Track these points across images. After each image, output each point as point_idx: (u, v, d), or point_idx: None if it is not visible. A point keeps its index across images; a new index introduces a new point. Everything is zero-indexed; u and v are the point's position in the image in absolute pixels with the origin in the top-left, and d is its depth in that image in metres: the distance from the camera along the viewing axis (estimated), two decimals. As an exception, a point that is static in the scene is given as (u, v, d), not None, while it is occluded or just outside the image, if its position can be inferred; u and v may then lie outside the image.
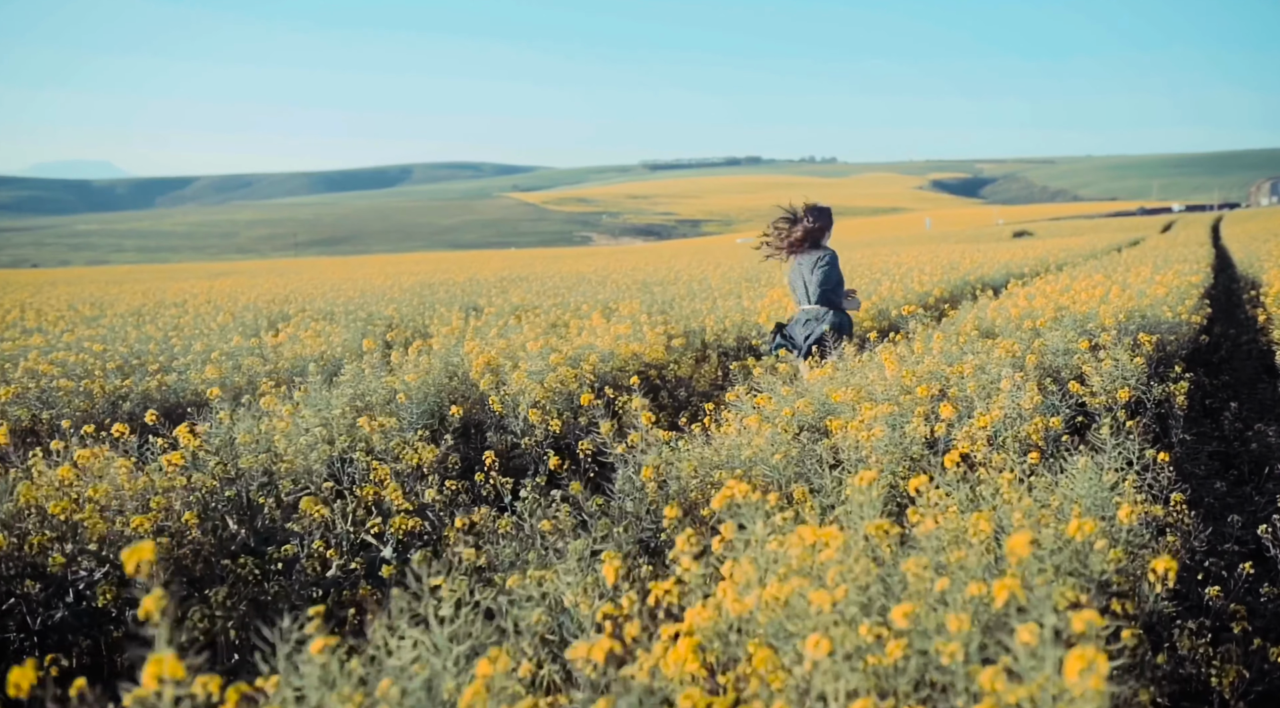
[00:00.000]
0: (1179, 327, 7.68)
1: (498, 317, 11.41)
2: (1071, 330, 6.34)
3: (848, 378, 5.51)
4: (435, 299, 15.47)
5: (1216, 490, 5.49)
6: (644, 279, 18.29)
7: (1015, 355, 6.09)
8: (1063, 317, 7.00)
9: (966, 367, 5.55)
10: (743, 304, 10.87)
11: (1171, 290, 9.21)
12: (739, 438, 4.53)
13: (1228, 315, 14.55)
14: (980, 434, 4.17)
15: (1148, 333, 6.85)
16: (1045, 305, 8.61)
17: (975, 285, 13.77)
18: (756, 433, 4.57)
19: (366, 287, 21.28)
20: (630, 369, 7.33)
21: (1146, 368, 5.27)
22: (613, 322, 9.21)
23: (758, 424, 4.72)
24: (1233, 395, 8.52)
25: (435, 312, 12.13)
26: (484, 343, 7.26)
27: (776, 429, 4.77)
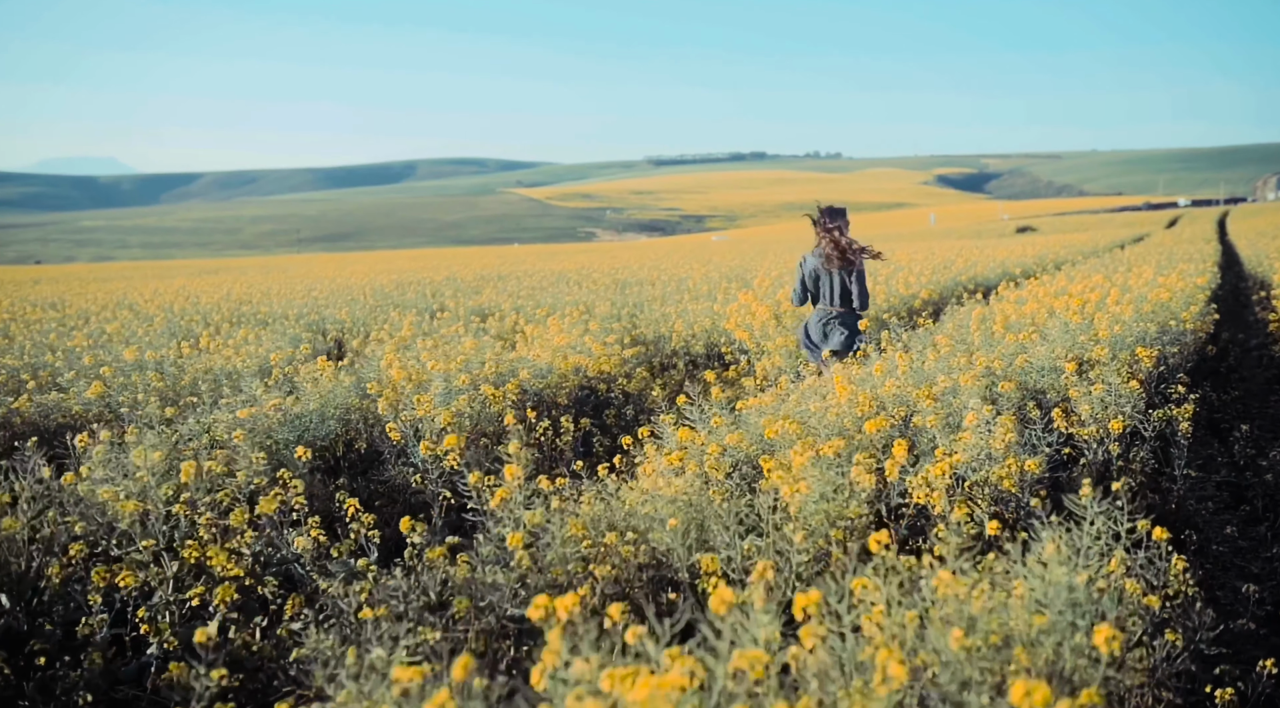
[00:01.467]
0: (1182, 336, 6.91)
1: (452, 321, 10.66)
2: (1060, 345, 5.57)
3: (800, 400, 4.76)
4: (403, 300, 14.72)
5: (1226, 536, 4.72)
6: (624, 278, 17.53)
7: (995, 373, 5.33)
8: (1051, 328, 6.22)
9: (938, 389, 4.80)
10: (713, 308, 10.11)
11: (1175, 294, 8.43)
12: (651, 484, 3.78)
13: (1235, 317, 13.75)
14: (939, 484, 3.41)
15: (1148, 346, 6.08)
16: (1037, 310, 7.84)
17: (967, 286, 12.98)
18: (677, 477, 3.83)
19: (343, 285, 20.54)
20: (569, 385, 6.58)
21: (1144, 392, 4.51)
22: (552, 331, 8.46)
23: (681, 462, 3.98)
24: (1243, 411, 7.74)
25: (386, 316, 11.38)
26: (403, 358, 6.51)
27: (705, 468, 4.04)
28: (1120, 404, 4.47)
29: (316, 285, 20.11)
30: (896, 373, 4.92)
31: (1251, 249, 20.98)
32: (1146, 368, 5.66)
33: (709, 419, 4.41)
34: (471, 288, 17.06)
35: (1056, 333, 6.13)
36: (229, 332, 9.77)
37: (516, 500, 3.13)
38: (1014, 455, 3.68)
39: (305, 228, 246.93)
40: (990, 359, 5.46)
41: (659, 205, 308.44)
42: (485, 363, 6.30)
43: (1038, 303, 8.50)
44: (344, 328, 11.25)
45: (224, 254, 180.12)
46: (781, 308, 9.28)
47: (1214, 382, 8.51)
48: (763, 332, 8.24)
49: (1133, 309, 7.25)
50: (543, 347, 7.36)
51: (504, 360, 6.48)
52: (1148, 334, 6.23)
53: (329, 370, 5.99)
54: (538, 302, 12.94)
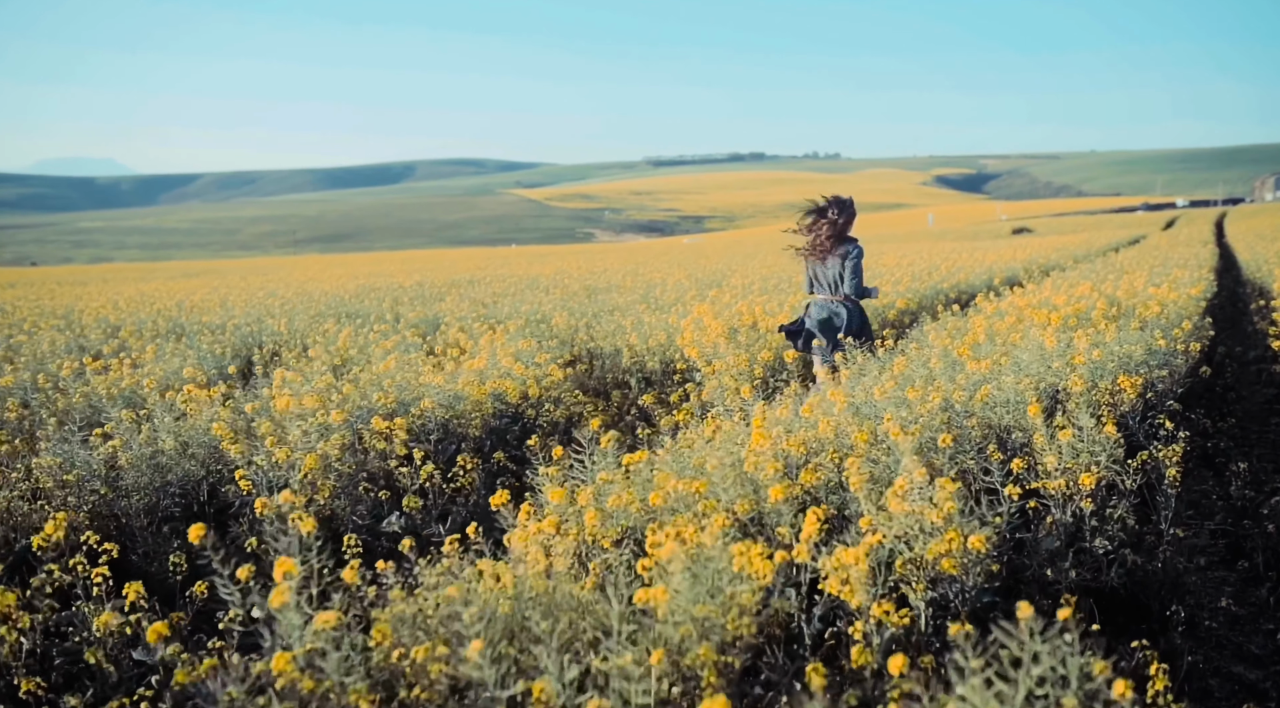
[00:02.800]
0: (1173, 358, 6.18)
1: (393, 332, 9.92)
2: (1033, 372, 4.84)
3: (720, 445, 4.03)
4: (359, 309, 14.00)
5: (1222, 609, 3.99)
6: (596, 284, 16.80)
7: (956, 407, 4.61)
8: (1025, 351, 5.49)
9: (886, 428, 4.07)
10: (668, 321, 9.38)
11: (1167, 307, 7.71)
12: (522, 555, 3.07)
13: (1233, 325, 13.03)
14: (855, 574, 2.69)
15: (1132, 373, 5.36)
16: (1015, 325, 7.12)
17: (949, 294, 12.25)
18: (542, 557, 3.12)
19: (307, 290, 19.81)
20: (485, 412, 5.84)
21: (1122, 438, 3.78)
22: (483, 348, 7.72)
23: (553, 531, 3.27)
24: (1240, 438, 7.02)
25: (320, 328, 10.65)
26: (293, 389, 5.76)
27: (585, 535, 3.34)
28: (1094, 452, 3.74)
29: (279, 291, 19.37)
30: (833, 411, 4.19)
31: (1250, 253, 20.26)
32: (1130, 399, 4.93)
33: (598, 471, 3.68)
34: (436, 294, 16.34)
35: (1030, 358, 5.40)
36: (140, 348, 9.03)
37: (295, 605, 2.40)
38: (956, 528, 2.96)
39: (303, 228, 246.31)
40: (951, 391, 4.73)
41: (658, 206, 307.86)
42: (385, 391, 5.56)
43: (1017, 316, 7.78)
44: (281, 341, 10.52)
45: (222, 255, 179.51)
46: (742, 320, 8.55)
47: (1208, 404, 7.79)
48: (713, 349, 7.52)
49: (1118, 327, 6.54)
50: (472, 365, 6.63)
51: (407, 387, 5.74)
52: (1133, 358, 5.51)
53: (203, 399, 5.26)
54: (490, 312, 12.21)
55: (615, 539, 3.39)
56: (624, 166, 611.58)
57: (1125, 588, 3.78)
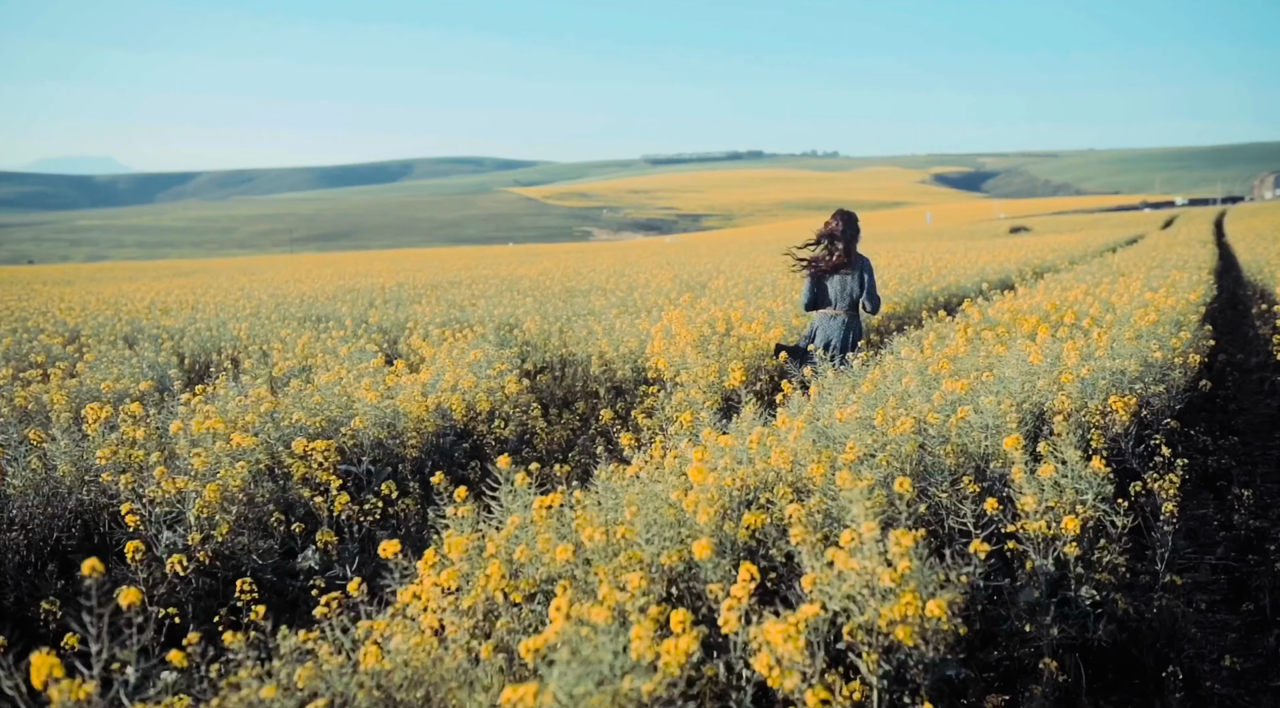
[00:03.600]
0: (1170, 371, 5.73)
1: (353, 338, 9.47)
2: (1011, 395, 4.39)
3: (643, 483, 3.59)
4: (332, 312, 13.54)
5: (1223, 671, 3.54)
6: (578, 285, 16.34)
7: (930, 429, 4.16)
8: (1008, 365, 5.04)
9: (847, 457, 3.63)
10: (638, 326, 8.93)
11: (1164, 314, 7.27)
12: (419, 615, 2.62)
13: (1233, 331, 12.59)
14: (787, 648, 2.25)
15: (1125, 391, 4.91)
16: (1001, 336, 6.67)
17: (938, 297, 11.80)
18: (434, 619, 2.69)
19: (290, 291, 19.34)
20: (426, 429, 5.39)
21: (1111, 473, 3.33)
22: (441, 355, 7.27)
23: (454, 586, 2.83)
24: (1242, 455, 6.57)
25: (276, 334, 10.19)
26: (219, 406, 5.28)
27: (490, 591, 2.90)
28: (1080, 489, 3.29)
29: (257, 292, 18.90)
30: (787, 440, 3.74)
31: (1250, 253, 19.81)
32: (1122, 421, 4.48)
33: (510, 513, 3.23)
34: (414, 296, 15.88)
35: (1014, 372, 4.96)
36: (98, 352, 8.54)
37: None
38: (914, 590, 2.51)
39: (301, 227, 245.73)
40: (926, 412, 4.29)
41: (655, 204, 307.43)
42: (310, 408, 5.11)
43: (1006, 325, 7.33)
44: (240, 347, 10.06)
45: (219, 254, 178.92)
46: (716, 326, 8.10)
47: (1208, 418, 7.35)
48: (682, 358, 7.07)
49: (1111, 338, 6.09)
50: (411, 379, 6.17)
51: (334, 403, 5.29)
52: (1126, 374, 5.06)
53: (129, 415, 4.81)
54: (463, 315, 11.76)
55: (529, 593, 2.95)
56: (622, 165, 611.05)
57: (1115, 642, 3.34)
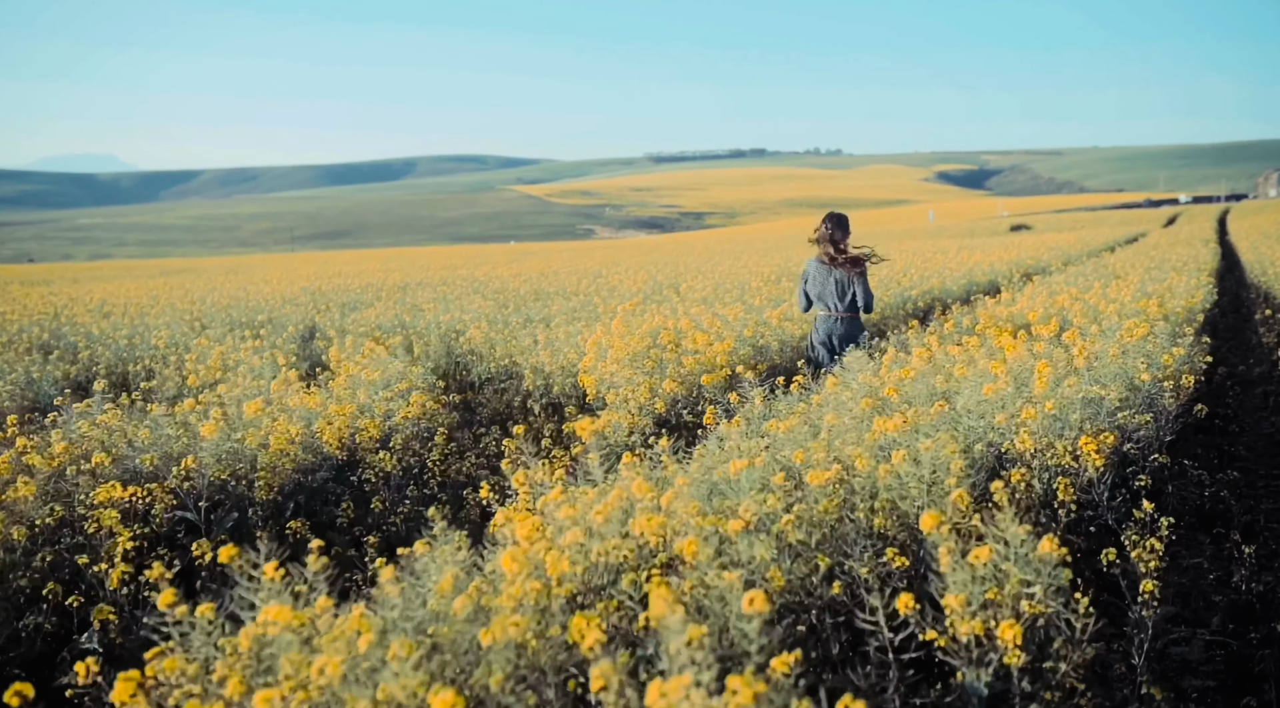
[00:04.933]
0: (1159, 396, 4.94)
1: (268, 348, 8.69)
2: (956, 437, 3.59)
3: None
4: (279, 316, 12.78)
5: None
6: (547, 288, 15.55)
7: (857, 484, 3.38)
8: (963, 394, 4.24)
9: (739, 525, 2.85)
10: (578, 337, 8.13)
11: (1156, 325, 6.46)
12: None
13: (1235, 337, 11.78)
14: None
15: (1101, 425, 4.12)
16: (968, 353, 5.87)
17: (917, 303, 10.99)
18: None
19: (255, 292, 18.59)
20: (285, 467, 4.60)
21: (1066, 555, 2.54)
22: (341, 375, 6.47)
23: None
24: (1244, 486, 5.76)
25: (217, 340, 9.42)
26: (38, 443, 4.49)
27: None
28: (1029, 582, 2.49)
29: (213, 294, 18.14)
30: (664, 499, 2.94)
31: (1254, 253, 18.96)
32: (1095, 465, 3.69)
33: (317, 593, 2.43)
34: (373, 298, 15.10)
35: (970, 399, 4.16)
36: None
37: None
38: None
39: (303, 226, 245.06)
40: (854, 457, 3.50)
41: (658, 202, 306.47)
42: (108, 446, 4.32)
43: (979, 336, 6.53)
44: (157, 357, 9.29)
45: (221, 252, 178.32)
46: (662, 338, 7.31)
47: (1205, 442, 6.55)
48: (611, 377, 6.28)
49: (1089, 361, 5.29)
50: (311, 400, 5.38)
51: (166, 437, 4.50)
52: (1105, 404, 4.25)
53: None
54: (414, 320, 10.99)
55: None
56: (625, 163, 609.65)
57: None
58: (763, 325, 7.99)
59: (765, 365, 7.18)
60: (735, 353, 7.04)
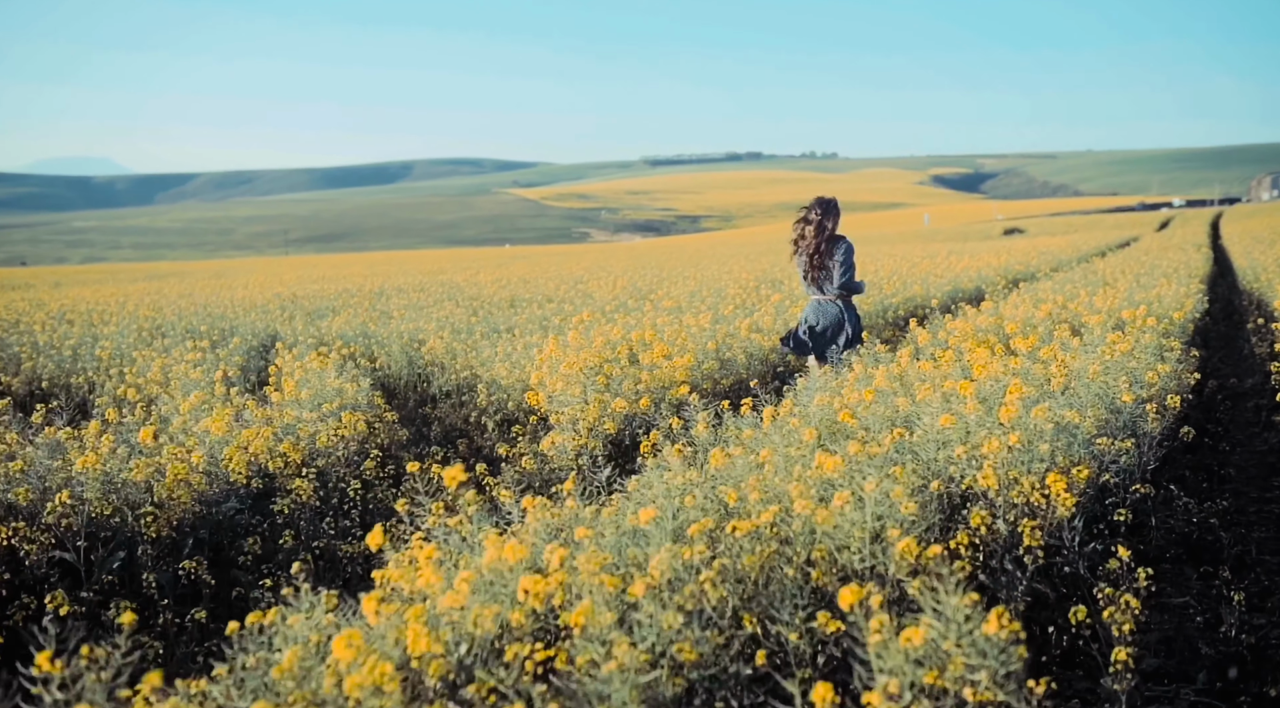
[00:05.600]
0: (1142, 420, 4.54)
1: (211, 360, 8.27)
2: (910, 476, 3.19)
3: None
4: (242, 323, 12.36)
5: None
6: (522, 294, 15.13)
7: (794, 523, 2.99)
8: (924, 422, 3.84)
9: (638, 587, 2.45)
10: (531, 348, 7.72)
11: (1141, 338, 6.07)
12: None
13: (1227, 346, 11.40)
14: None
15: (1078, 456, 3.72)
16: (935, 371, 5.48)
17: (898, 310, 10.60)
18: None
19: (225, 297, 18.15)
20: (177, 502, 4.18)
21: (1018, 631, 2.14)
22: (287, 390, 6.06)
23: None
24: (1235, 513, 5.37)
25: (159, 351, 9.00)
26: None
27: None
28: (970, 663, 2.09)
29: (186, 299, 17.70)
30: (555, 558, 2.54)
31: (1246, 258, 18.61)
32: (1066, 507, 3.29)
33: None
34: (343, 305, 14.68)
35: (930, 425, 3.76)
36: None
37: None
38: None
39: (299, 228, 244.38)
40: (793, 498, 3.10)
41: (654, 205, 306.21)
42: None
43: (954, 350, 6.14)
44: (102, 368, 8.88)
45: (216, 255, 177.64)
46: (618, 351, 6.91)
47: (1194, 463, 6.16)
48: (561, 395, 5.88)
49: (1074, 372, 4.90)
50: (217, 425, 4.96)
51: (46, 467, 4.09)
52: (1079, 433, 3.85)
53: None
54: (379, 329, 10.58)
55: None
56: (621, 166, 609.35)
57: None
58: (731, 337, 7.59)
59: (730, 380, 6.78)
60: (698, 367, 6.64)
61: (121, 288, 27.99)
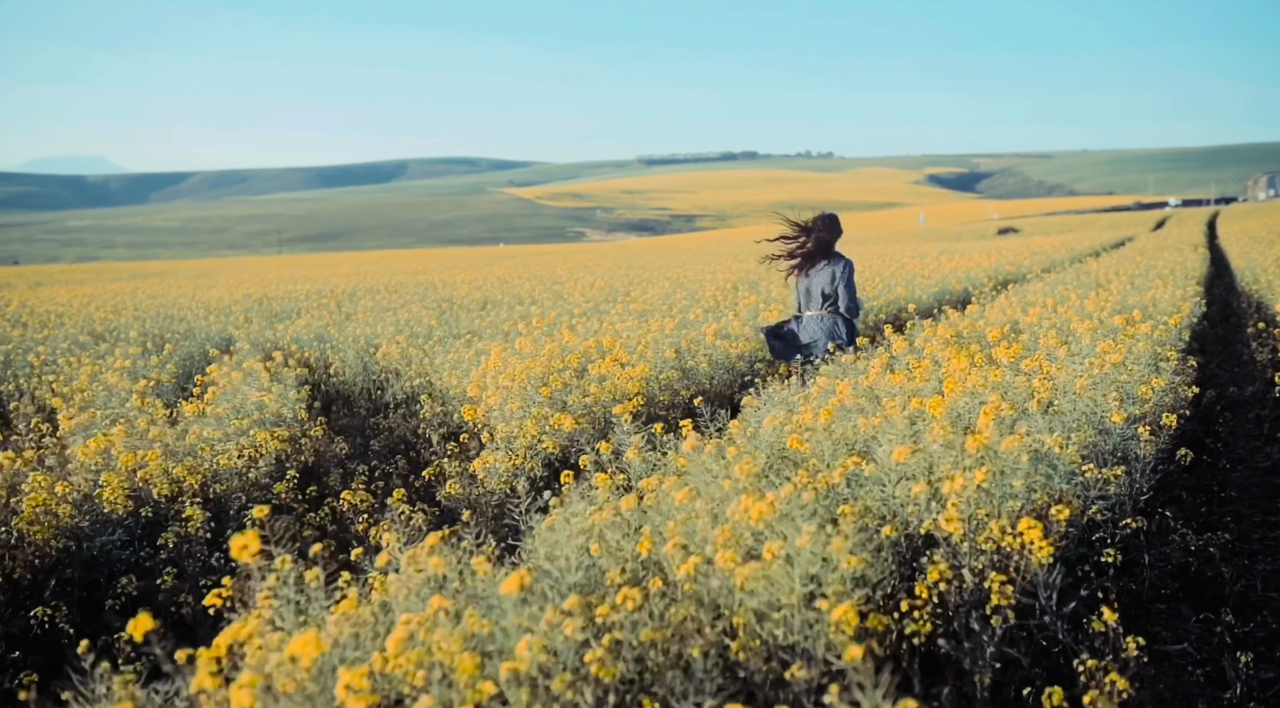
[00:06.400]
0: (1134, 443, 4.04)
1: (133, 373, 7.73)
2: (868, 515, 2.68)
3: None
4: (197, 327, 11.84)
5: None
6: (493, 296, 14.61)
7: (710, 587, 2.48)
8: (881, 452, 3.34)
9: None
10: (483, 355, 7.19)
11: (1134, 347, 5.57)
12: None
13: (1225, 350, 10.91)
14: None
15: (1055, 494, 3.22)
16: (901, 386, 4.98)
17: (880, 314, 10.09)
18: None
19: (196, 298, 17.61)
20: (36, 539, 3.66)
21: None
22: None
23: None
24: (1236, 543, 4.87)
25: (88, 357, 8.47)
26: None
27: None
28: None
29: (155, 299, 17.15)
30: (393, 643, 2.03)
31: (1244, 259, 18.13)
32: (1043, 555, 2.79)
33: None
34: (307, 307, 14.15)
35: (883, 468, 3.25)
36: None
37: None
38: None
39: (293, 228, 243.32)
40: (713, 551, 2.58)
41: (649, 205, 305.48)
42: None
43: (929, 359, 5.64)
44: (32, 375, 8.35)
45: (210, 254, 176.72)
46: (568, 360, 6.39)
47: (1193, 484, 5.66)
48: (500, 408, 5.36)
49: (1058, 388, 4.40)
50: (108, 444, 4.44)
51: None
52: (1059, 465, 3.34)
53: None
54: (339, 334, 10.08)
55: None
56: (616, 165, 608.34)
57: None
58: (695, 343, 7.07)
59: (690, 392, 6.27)
60: (655, 377, 6.13)
61: (100, 288, 27.41)
